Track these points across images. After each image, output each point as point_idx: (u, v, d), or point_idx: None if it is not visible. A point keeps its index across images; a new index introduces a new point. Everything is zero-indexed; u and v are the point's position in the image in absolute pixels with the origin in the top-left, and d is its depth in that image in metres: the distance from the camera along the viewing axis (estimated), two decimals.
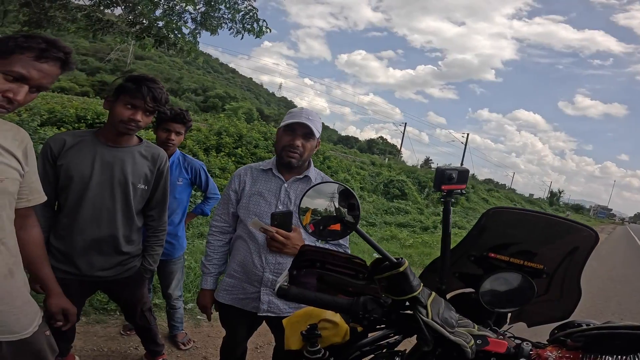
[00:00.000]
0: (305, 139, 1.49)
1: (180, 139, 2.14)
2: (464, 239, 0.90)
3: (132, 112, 1.45)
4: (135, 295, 1.74)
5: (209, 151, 8.86)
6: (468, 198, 18.61)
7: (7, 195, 1.03)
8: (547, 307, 0.91)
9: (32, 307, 1.13)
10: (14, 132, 1.07)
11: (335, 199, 0.85)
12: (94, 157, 1.48)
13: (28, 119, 6.52)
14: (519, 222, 0.89)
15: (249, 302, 1.52)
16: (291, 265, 0.80)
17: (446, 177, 0.84)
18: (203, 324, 2.85)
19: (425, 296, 0.72)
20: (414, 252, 6.75)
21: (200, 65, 50.22)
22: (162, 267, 2.27)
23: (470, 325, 0.75)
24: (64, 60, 1.03)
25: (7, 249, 1.04)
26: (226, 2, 4.40)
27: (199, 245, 4.47)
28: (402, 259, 0.72)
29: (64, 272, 1.49)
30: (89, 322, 2.55)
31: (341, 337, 0.87)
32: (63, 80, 25.28)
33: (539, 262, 0.84)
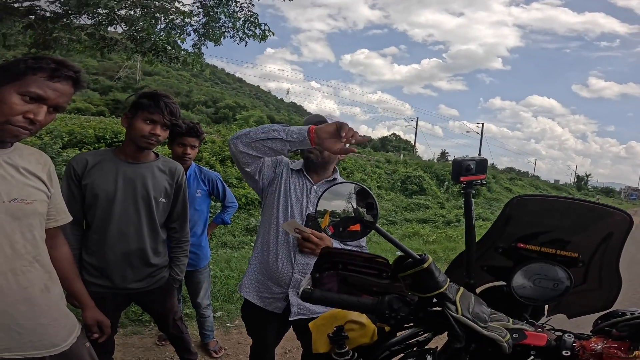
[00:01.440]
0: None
1: (195, 152, 2.18)
2: (489, 230, 0.87)
3: (151, 127, 1.50)
4: (167, 305, 1.79)
5: (225, 162, 9.00)
6: (490, 188, 18.19)
7: (38, 216, 1.08)
8: (587, 297, 0.87)
9: (70, 319, 1.18)
10: (37, 156, 1.12)
11: (353, 199, 0.84)
12: (117, 175, 1.53)
13: (50, 142, 6.79)
14: (547, 209, 0.85)
15: (273, 302, 1.51)
16: (313, 268, 0.80)
17: (464, 168, 0.81)
18: (232, 332, 2.90)
19: (453, 291, 0.70)
20: (438, 248, 6.62)
21: (208, 77, 51.11)
22: (189, 278, 2.33)
23: (505, 319, 0.72)
24: (75, 79, 1.05)
25: (41, 266, 1.09)
26: (225, 11, 4.45)
27: (222, 254, 4.54)
28: (426, 254, 0.70)
29: (99, 285, 1.54)
30: (126, 333, 2.64)
31: (369, 338, 0.85)
32: (78, 101, 26.24)
33: (573, 251, 0.80)
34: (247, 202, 7.40)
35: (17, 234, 1.02)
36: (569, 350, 0.69)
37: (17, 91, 0.96)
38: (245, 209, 7.25)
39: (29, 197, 1.04)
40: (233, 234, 5.89)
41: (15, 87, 0.97)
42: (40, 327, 1.06)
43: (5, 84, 0.97)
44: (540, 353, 0.71)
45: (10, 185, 1.00)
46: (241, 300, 3.27)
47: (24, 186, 1.04)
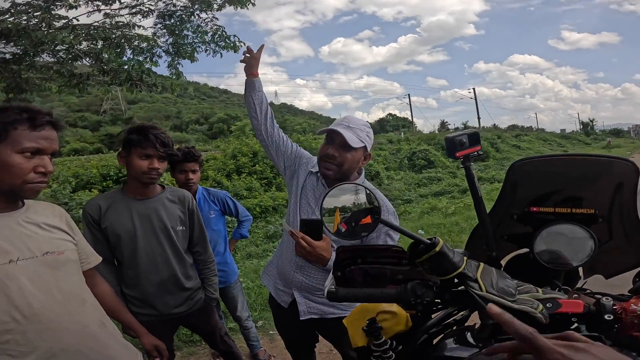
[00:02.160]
0: (344, 149, 1.36)
1: (197, 176, 2.21)
2: (498, 198, 0.86)
3: (148, 161, 1.53)
4: (210, 323, 1.87)
5: (231, 176, 9.04)
6: (498, 149, 17.96)
7: (73, 263, 1.15)
8: (618, 254, 0.83)
9: (130, 350, 1.26)
10: (51, 209, 1.18)
11: (360, 192, 0.85)
12: (131, 213, 1.58)
13: (59, 188, 6.88)
14: (550, 169, 0.83)
15: (281, 295, 1.55)
16: (334, 267, 0.81)
17: (457, 143, 0.81)
18: (277, 338, 2.93)
19: (473, 269, 0.69)
20: (460, 219, 6.46)
21: (193, 95, 51.05)
22: (224, 294, 2.40)
23: (533, 289, 0.70)
24: (52, 122, 1.07)
25: (91, 305, 1.16)
26: (189, 27, 4.40)
27: (250, 265, 4.60)
28: (436, 238, 0.69)
29: (146, 315, 1.62)
30: (183, 355, 2.75)
31: (404, 325, 0.86)
32: (73, 142, 26.54)
33: (588, 207, 0.77)
34: (261, 210, 7.45)
35: (60, 281, 1.08)
36: (610, 314, 0.66)
37: (14, 151, 0.98)
38: (262, 217, 7.29)
39: (59, 248, 1.10)
40: (255, 244, 5.95)
41: (8, 147, 0.98)
42: (115, 357, 1.15)
43: None
44: (582, 320, 0.69)
45: (37, 241, 1.05)
46: None
47: (51, 240, 1.09)
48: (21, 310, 0.99)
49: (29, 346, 1.00)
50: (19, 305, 0.98)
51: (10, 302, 0.98)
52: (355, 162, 1.41)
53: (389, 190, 9.82)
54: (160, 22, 4.50)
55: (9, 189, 1.00)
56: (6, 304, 0.97)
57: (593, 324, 0.68)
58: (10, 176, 0.99)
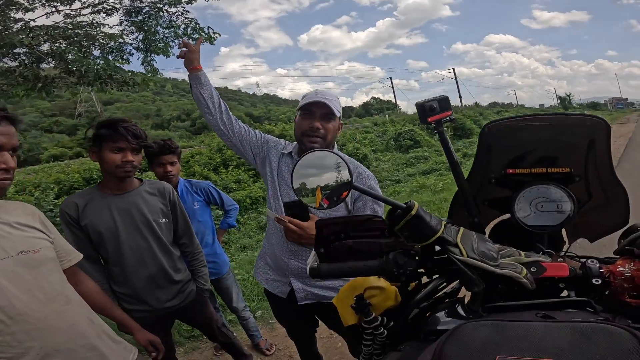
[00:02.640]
0: (326, 120, 1.40)
1: (177, 167, 2.15)
2: (474, 163, 0.84)
3: (121, 154, 1.48)
4: (205, 315, 1.85)
5: (218, 169, 8.93)
6: (480, 125, 18.11)
7: (50, 261, 1.12)
8: (600, 215, 0.82)
9: (123, 346, 1.25)
10: (22, 209, 1.14)
11: (341, 167, 0.82)
12: (110, 209, 1.53)
13: (42, 195, 6.71)
14: (521, 129, 0.82)
15: (278, 286, 1.53)
16: (315, 243, 0.78)
17: (428, 109, 0.79)
18: (277, 327, 2.95)
19: (452, 234, 0.66)
20: (447, 195, 6.54)
21: (172, 92, 49.94)
22: (217, 286, 2.38)
23: (515, 253, 0.67)
24: (8, 117, 1.03)
25: (76, 303, 1.14)
26: (159, 23, 4.26)
27: (244, 257, 4.59)
28: (411, 201, 0.66)
29: (140, 311, 1.59)
30: (186, 351, 2.74)
31: (393, 300, 0.83)
32: (51, 148, 25.79)
33: (564, 166, 0.76)
34: (252, 201, 7.38)
35: (40, 280, 1.05)
36: (598, 277, 0.64)
37: None
38: (253, 208, 7.24)
39: (34, 246, 1.07)
40: (249, 235, 5.91)
41: None
42: (104, 357, 1.14)
43: None
44: (570, 285, 0.67)
45: (11, 241, 1.03)
46: None
47: (25, 238, 1.06)
48: (5, 312, 0.97)
49: (21, 347, 0.98)
50: (2, 306, 0.96)
51: None
52: (335, 131, 1.45)
53: (377, 172, 9.85)
54: (127, 19, 4.33)
55: None
56: None
57: (582, 289, 0.67)
58: None
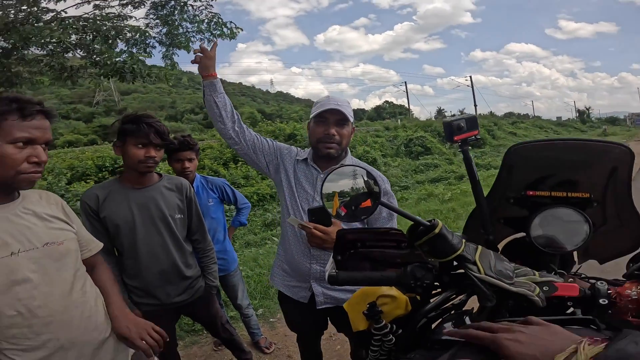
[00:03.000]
0: (340, 125, 1.44)
1: (194, 164, 2.19)
2: (495, 182, 0.86)
3: (144, 150, 1.52)
4: (211, 312, 1.89)
5: (228, 164, 9.02)
6: (494, 136, 17.99)
7: (73, 253, 1.14)
8: (612, 239, 0.84)
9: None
10: (46, 198, 1.15)
11: (359, 175, 0.84)
12: (129, 202, 1.57)
13: (55, 180, 6.84)
14: (546, 153, 0.84)
15: (299, 291, 1.54)
16: (334, 252, 0.81)
17: (455, 127, 0.81)
18: (277, 326, 2.99)
19: (471, 252, 0.69)
20: (455, 205, 6.55)
21: (187, 85, 50.44)
22: (224, 282, 2.41)
23: (530, 272, 0.70)
24: (44, 111, 1.04)
25: (91, 294, 1.17)
26: (184, 17, 4.31)
27: (248, 254, 4.63)
28: (435, 220, 0.69)
29: (149, 304, 1.63)
30: (185, 344, 2.78)
31: (403, 309, 0.86)
32: (67, 134, 26.30)
33: (583, 191, 0.78)
34: (259, 198, 7.46)
35: (62, 272, 1.08)
36: (605, 298, 0.67)
37: (5, 142, 0.97)
38: (260, 205, 7.31)
39: (58, 238, 1.09)
40: (254, 232, 5.98)
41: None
42: (114, 348, 1.17)
43: None
44: (577, 304, 0.70)
45: (37, 232, 1.05)
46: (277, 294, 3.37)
47: (50, 230, 1.08)
48: (25, 304, 0.98)
49: (37, 340, 1.00)
50: (22, 299, 0.98)
51: (14, 295, 0.97)
52: (349, 137, 1.49)
53: (386, 177, 9.83)
54: (153, 12, 4.40)
55: (2, 180, 0.99)
56: (10, 298, 0.97)
57: (588, 308, 0.69)
58: (3, 167, 0.97)
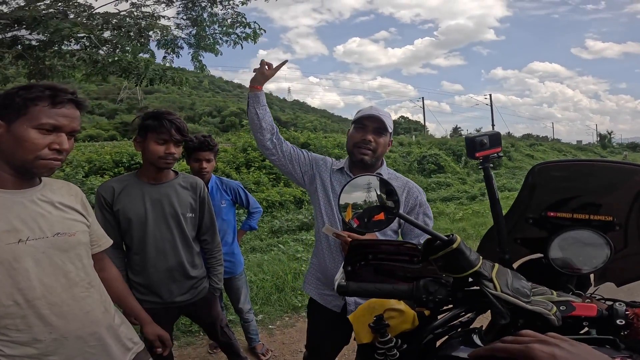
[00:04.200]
0: (377, 134, 1.47)
1: (212, 165, 2.22)
2: (515, 201, 0.85)
3: (164, 147, 1.55)
4: (212, 314, 1.87)
5: (240, 169, 9.09)
6: (511, 157, 17.73)
7: (83, 246, 1.13)
8: (632, 262, 0.83)
9: (132, 337, 1.25)
10: (67, 188, 1.16)
11: (374, 188, 0.85)
12: (144, 197, 1.59)
13: (72, 172, 7.00)
14: (571, 174, 0.83)
15: (332, 300, 1.54)
16: (345, 262, 0.81)
17: (478, 143, 0.80)
18: (276, 333, 2.97)
19: (488, 269, 0.69)
20: (467, 225, 6.46)
21: (208, 88, 51.44)
22: (228, 285, 2.41)
23: (548, 292, 0.70)
24: (75, 101, 1.04)
25: (96, 290, 1.15)
26: (214, 20, 4.42)
27: (253, 259, 4.63)
28: (454, 235, 0.69)
29: (150, 302, 1.62)
30: (180, 345, 2.77)
31: (410, 323, 0.85)
32: (89, 128, 27.05)
33: (607, 214, 0.77)
34: (268, 205, 7.48)
35: (67, 264, 1.06)
36: (622, 319, 0.66)
37: (30, 126, 0.96)
38: (268, 212, 7.32)
39: (70, 229, 1.08)
40: (260, 238, 5.98)
41: (25, 122, 0.96)
42: (108, 347, 1.13)
43: (13, 121, 0.97)
44: (593, 324, 0.69)
45: (50, 221, 1.04)
46: (279, 301, 3.36)
47: (64, 220, 1.08)
48: (24, 294, 0.97)
49: (29, 333, 0.98)
50: (22, 288, 0.96)
51: (15, 284, 0.96)
52: (385, 146, 1.52)
53: None
54: (184, 11, 4.52)
55: (20, 164, 0.98)
56: (10, 286, 0.95)
57: (603, 328, 0.69)
58: (23, 151, 0.96)
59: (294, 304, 3.34)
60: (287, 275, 3.78)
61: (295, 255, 4.58)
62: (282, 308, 3.32)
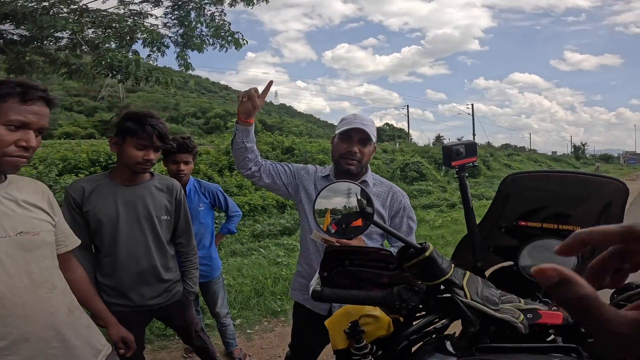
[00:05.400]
0: (362, 144, 1.50)
1: (190, 167, 2.18)
2: (488, 210, 0.87)
3: (143, 152, 1.49)
4: (186, 318, 1.82)
5: (223, 171, 8.98)
6: (489, 167, 18.21)
7: (47, 246, 1.10)
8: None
9: (99, 339, 1.21)
10: (34, 186, 1.13)
11: (354, 195, 0.85)
12: (116, 198, 1.54)
13: (45, 170, 6.73)
14: (542, 185, 0.86)
15: (319, 304, 1.54)
16: (320, 268, 0.81)
17: (454, 152, 0.82)
18: (254, 338, 2.93)
19: (460, 277, 0.70)
20: (445, 232, 6.57)
21: (193, 88, 50.91)
22: (205, 289, 2.36)
23: (516, 300, 0.71)
24: (46, 98, 1.03)
25: (60, 291, 1.11)
26: (201, 21, 4.42)
27: (233, 263, 4.56)
28: (426, 243, 0.70)
29: (120, 305, 1.57)
30: (154, 349, 2.69)
31: (385, 330, 0.86)
32: (66, 125, 26.21)
33: (575, 224, 0.80)
34: (250, 209, 7.40)
35: (31, 264, 1.03)
36: None
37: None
38: (250, 216, 7.25)
39: (35, 228, 1.05)
40: (241, 242, 5.90)
41: None
42: (73, 349, 1.09)
43: None
44: (559, 332, 0.70)
45: (13, 219, 1.01)
46: (258, 306, 3.32)
47: (28, 219, 1.04)
48: None
49: None
50: None
51: None
52: (370, 155, 1.55)
53: None
54: (172, 12, 4.49)
55: None
56: None
57: (569, 336, 0.70)
58: None
59: (273, 308, 3.31)
60: (267, 280, 3.74)
61: (276, 260, 4.53)
62: (261, 312, 3.27)
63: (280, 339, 2.86)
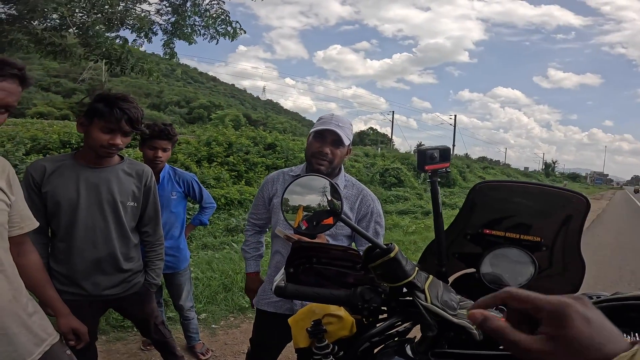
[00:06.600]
0: (335, 146, 1.50)
1: (167, 154, 2.12)
2: (456, 217, 0.89)
3: (109, 136, 1.42)
4: (146, 311, 1.74)
5: (201, 162, 8.80)
6: (465, 177, 18.71)
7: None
8: (554, 281, 0.88)
9: (44, 328, 1.15)
10: None
11: (327, 192, 0.84)
12: (78, 181, 1.46)
13: (12, 149, 6.45)
14: (508, 194, 0.88)
15: (283, 304, 1.55)
16: (286, 263, 0.80)
17: (428, 156, 0.83)
18: (218, 333, 2.87)
19: (422, 280, 0.70)
20: (418, 238, 6.72)
21: (180, 77, 49.86)
22: (170, 280, 2.30)
23: None
24: (20, 77, 1.00)
25: (6, 277, 1.05)
26: (196, 10, 4.33)
27: (203, 256, 4.47)
28: (392, 244, 0.70)
29: (72, 294, 1.49)
30: (109, 340, 2.58)
31: (348, 330, 0.85)
32: (40, 105, 25.06)
33: (535, 235, 0.82)
34: (226, 202, 7.29)
35: None
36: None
37: None
38: (225, 209, 7.13)
39: None
40: (214, 235, 5.79)
41: None
42: (13, 337, 1.03)
43: None
44: None
45: None
46: (225, 301, 3.26)
47: None
48: None
49: None
50: None
51: None
52: (342, 157, 1.55)
53: None
54: None
55: None
56: None
57: None
58: None
59: (241, 304, 3.26)
60: (236, 275, 3.69)
61: None
62: (228, 308, 3.22)
63: (246, 336, 2.82)
